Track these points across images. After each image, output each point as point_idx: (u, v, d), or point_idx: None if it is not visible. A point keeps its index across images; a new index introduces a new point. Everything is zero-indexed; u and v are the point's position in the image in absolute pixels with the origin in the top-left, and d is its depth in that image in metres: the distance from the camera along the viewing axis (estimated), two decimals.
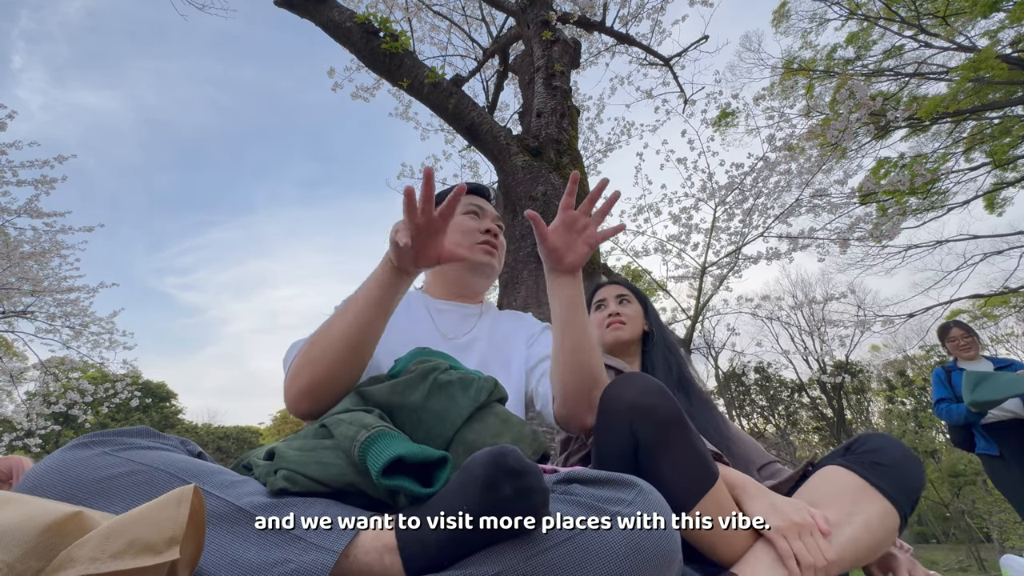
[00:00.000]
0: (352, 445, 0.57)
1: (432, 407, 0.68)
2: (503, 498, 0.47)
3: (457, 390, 0.70)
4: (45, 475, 0.50)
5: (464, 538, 0.49)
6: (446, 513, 0.50)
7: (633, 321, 1.33)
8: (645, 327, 1.34)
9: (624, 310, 1.34)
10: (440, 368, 0.73)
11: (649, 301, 1.41)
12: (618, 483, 0.55)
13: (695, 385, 1.26)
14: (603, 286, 1.44)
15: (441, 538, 0.49)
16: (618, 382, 0.78)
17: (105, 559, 0.35)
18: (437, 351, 0.84)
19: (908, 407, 16.26)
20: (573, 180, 0.84)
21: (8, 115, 5.45)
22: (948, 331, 2.97)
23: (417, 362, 0.74)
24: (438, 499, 0.53)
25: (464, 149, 5.30)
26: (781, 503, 0.73)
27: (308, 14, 2.95)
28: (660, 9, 4.42)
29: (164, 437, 0.60)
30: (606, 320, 1.33)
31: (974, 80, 6.32)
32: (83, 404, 6.56)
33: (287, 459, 0.58)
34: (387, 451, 0.54)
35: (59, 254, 6.32)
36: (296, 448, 0.61)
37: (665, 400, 0.73)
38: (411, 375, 0.71)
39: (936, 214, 8.32)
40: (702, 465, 0.72)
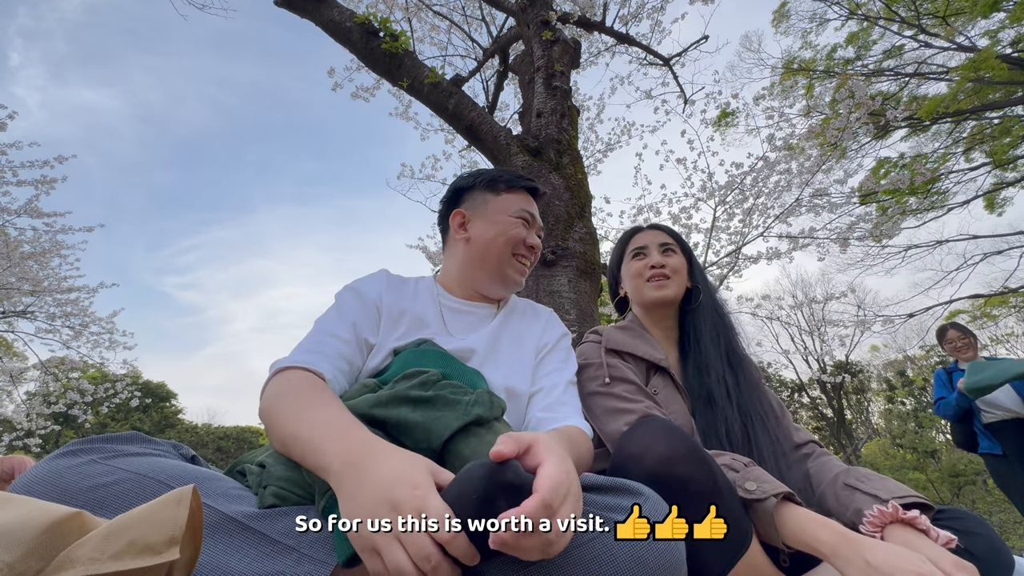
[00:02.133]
0: (317, 502, 0.55)
1: (418, 420, 0.65)
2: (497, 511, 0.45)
3: (445, 405, 0.67)
4: (34, 484, 0.49)
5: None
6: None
7: (678, 276, 1.13)
8: (688, 283, 1.15)
9: (669, 260, 1.13)
10: (430, 381, 0.70)
11: (694, 254, 1.20)
12: (623, 490, 0.54)
13: (746, 361, 1.07)
14: (641, 230, 1.23)
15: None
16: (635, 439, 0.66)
17: (105, 559, 0.35)
18: (437, 349, 0.83)
19: (908, 407, 16.24)
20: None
21: (9, 115, 5.45)
22: (945, 333, 3.03)
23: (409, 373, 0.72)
24: None
25: (464, 149, 5.30)
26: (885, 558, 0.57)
27: (308, 14, 2.95)
28: (660, 9, 4.42)
29: (154, 442, 0.59)
30: (648, 272, 1.13)
31: (974, 80, 6.32)
32: (83, 404, 6.55)
33: (276, 476, 0.57)
34: (347, 544, 0.48)
35: (59, 254, 6.31)
36: (284, 463, 0.60)
37: (695, 468, 0.61)
38: (397, 387, 0.68)
39: (936, 214, 8.33)
40: (735, 532, 0.63)
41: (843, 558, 0.60)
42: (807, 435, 1.02)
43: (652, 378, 1.07)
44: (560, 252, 2.25)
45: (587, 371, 1.07)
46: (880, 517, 0.68)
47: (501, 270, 0.97)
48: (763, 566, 0.68)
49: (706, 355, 1.06)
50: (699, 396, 1.02)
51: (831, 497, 0.83)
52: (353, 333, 0.84)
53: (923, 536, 0.64)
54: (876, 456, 15.80)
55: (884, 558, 0.57)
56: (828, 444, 14.95)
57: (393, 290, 0.95)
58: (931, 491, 12.68)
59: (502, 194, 1.01)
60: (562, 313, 2.13)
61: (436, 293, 0.99)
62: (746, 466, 0.77)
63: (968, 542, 0.67)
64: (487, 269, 0.97)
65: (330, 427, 0.57)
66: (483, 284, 0.99)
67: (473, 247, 0.98)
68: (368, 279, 0.97)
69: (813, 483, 0.91)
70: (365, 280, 0.96)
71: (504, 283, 0.98)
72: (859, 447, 14.73)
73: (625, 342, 1.09)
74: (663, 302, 1.11)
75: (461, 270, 1.00)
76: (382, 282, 0.96)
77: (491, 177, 1.02)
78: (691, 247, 1.22)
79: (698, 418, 1.00)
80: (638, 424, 0.70)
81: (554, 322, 1.05)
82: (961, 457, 12.27)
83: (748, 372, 1.06)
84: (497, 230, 0.97)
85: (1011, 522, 9.61)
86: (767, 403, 1.03)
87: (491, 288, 0.99)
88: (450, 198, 1.05)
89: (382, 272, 1.00)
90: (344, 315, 0.87)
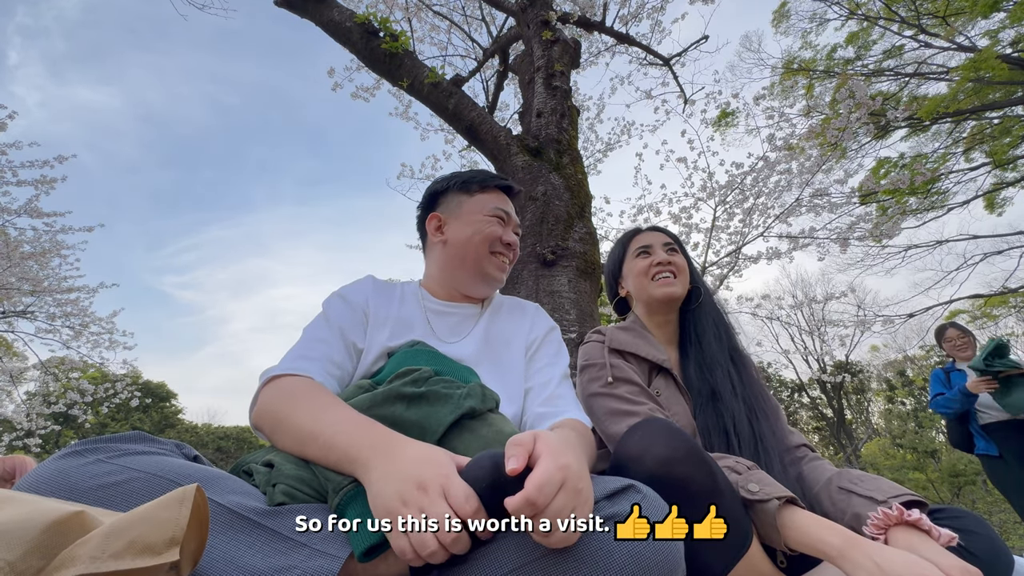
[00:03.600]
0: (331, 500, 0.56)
1: (412, 417, 0.67)
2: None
3: (437, 400, 0.69)
4: (41, 484, 0.49)
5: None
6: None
7: (684, 275, 1.13)
8: (689, 285, 1.17)
9: (675, 259, 1.14)
10: (422, 378, 0.71)
11: (690, 257, 1.22)
12: (620, 490, 0.54)
13: (746, 358, 1.09)
14: (643, 231, 1.24)
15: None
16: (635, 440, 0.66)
17: (106, 559, 0.35)
18: (429, 349, 0.84)
19: (908, 407, 16.26)
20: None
21: (9, 115, 5.46)
22: (944, 332, 3.04)
23: (398, 374, 0.73)
24: None
25: (464, 149, 5.30)
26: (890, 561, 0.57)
27: (308, 14, 2.95)
28: (660, 9, 4.42)
29: (159, 441, 0.59)
30: (653, 270, 1.13)
31: (974, 80, 6.32)
32: (83, 404, 6.56)
33: (285, 474, 0.58)
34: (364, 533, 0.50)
35: (59, 254, 6.32)
36: (294, 462, 0.61)
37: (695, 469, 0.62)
38: (391, 386, 0.70)
39: (936, 214, 8.33)
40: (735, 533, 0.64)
41: (852, 561, 0.60)
42: (800, 438, 1.02)
43: (654, 379, 1.07)
44: (560, 252, 2.25)
45: (590, 371, 1.07)
46: (884, 520, 0.68)
47: (480, 268, 0.98)
48: (764, 566, 0.68)
49: (710, 352, 1.06)
50: (702, 393, 1.02)
51: (826, 500, 0.84)
52: (341, 338, 0.86)
53: (926, 536, 0.64)
54: (876, 456, 15.81)
55: (894, 562, 0.58)
56: (828, 444, 14.96)
57: (379, 295, 0.97)
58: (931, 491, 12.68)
59: (476, 195, 1.03)
60: (562, 313, 2.13)
61: (420, 297, 1.00)
62: (749, 469, 0.78)
63: (968, 541, 0.67)
64: (466, 269, 0.99)
65: (353, 423, 0.62)
66: (464, 284, 1.00)
67: (451, 248, 1.00)
68: (354, 285, 0.99)
69: (805, 486, 0.91)
70: (351, 286, 0.98)
71: (485, 281, 1.00)
72: (859, 447, 14.73)
73: (628, 342, 1.09)
74: (671, 298, 1.11)
75: (442, 272, 1.02)
76: (368, 288, 0.98)
77: (464, 179, 1.04)
78: (687, 250, 1.24)
79: (702, 415, 1.00)
80: (638, 425, 0.70)
81: (541, 317, 1.06)
82: (961, 457, 12.27)
83: (748, 370, 1.06)
84: (473, 229, 0.98)
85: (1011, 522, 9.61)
86: (770, 399, 1.04)
87: (472, 287, 1.01)
88: (426, 203, 1.07)
89: (368, 278, 1.02)
90: (332, 321, 0.89)
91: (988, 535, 0.69)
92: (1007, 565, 0.67)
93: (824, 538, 0.64)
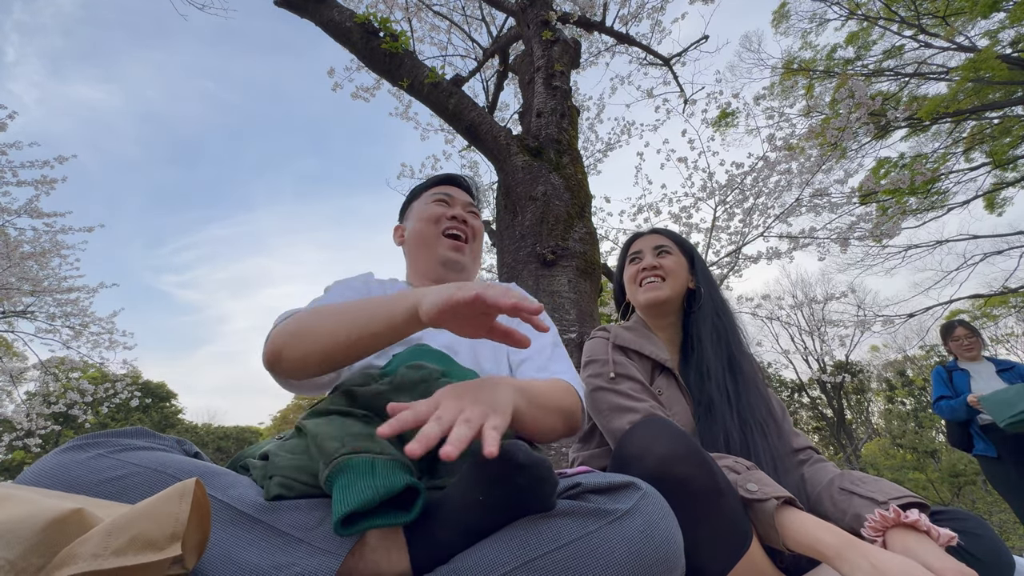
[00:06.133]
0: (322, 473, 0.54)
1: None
2: (513, 490, 0.48)
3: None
4: (42, 478, 0.49)
5: (473, 532, 0.49)
6: (454, 508, 0.50)
7: (674, 276, 1.11)
8: (690, 284, 1.13)
9: (664, 262, 1.12)
10: (431, 377, 0.71)
11: (697, 253, 1.18)
12: (621, 486, 0.54)
13: (747, 363, 1.06)
14: (640, 236, 1.21)
15: (449, 533, 0.49)
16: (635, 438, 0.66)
17: (107, 555, 0.35)
18: (436, 350, 0.83)
19: (908, 407, 16.25)
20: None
21: (9, 115, 5.46)
22: (952, 330, 2.94)
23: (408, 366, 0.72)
24: (446, 494, 0.53)
25: (464, 149, 5.30)
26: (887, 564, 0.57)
27: (308, 14, 2.95)
28: (660, 9, 4.43)
29: (160, 437, 0.59)
30: (640, 275, 1.12)
31: (974, 80, 6.33)
32: (83, 404, 6.56)
33: (281, 466, 0.57)
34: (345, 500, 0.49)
35: (59, 254, 6.32)
36: (288, 451, 0.60)
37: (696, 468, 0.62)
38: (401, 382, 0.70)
39: (936, 214, 8.32)
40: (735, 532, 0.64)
41: (848, 561, 0.60)
42: (805, 441, 1.02)
43: (657, 378, 1.07)
44: (560, 252, 2.25)
45: (593, 366, 1.07)
46: (882, 521, 0.68)
47: (435, 251, 1.02)
48: (764, 566, 0.68)
49: (707, 360, 1.06)
50: (699, 402, 1.02)
51: (827, 501, 0.83)
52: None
53: (925, 537, 0.64)
54: (876, 456, 15.80)
55: (890, 564, 0.58)
56: (828, 444, 14.96)
57: (376, 288, 1.02)
58: (931, 491, 12.68)
59: (421, 195, 1.11)
60: (562, 313, 2.13)
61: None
62: (748, 468, 0.78)
63: (969, 543, 0.67)
64: (424, 256, 1.04)
65: (392, 296, 0.67)
66: (429, 272, 1.04)
67: (409, 243, 1.09)
68: (354, 277, 1.04)
69: (808, 488, 0.91)
70: (351, 278, 1.04)
71: (444, 265, 1.02)
72: (859, 447, 14.72)
73: (632, 340, 1.10)
74: (655, 303, 1.11)
75: (411, 267, 1.09)
76: (367, 281, 1.03)
77: (416, 189, 1.14)
78: (693, 246, 1.21)
79: (699, 423, 1.00)
80: (639, 424, 0.70)
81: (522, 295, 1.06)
82: (961, 457, 12.26)
83: (749, 376, 1.04)
84: (419, 218, 1.05)
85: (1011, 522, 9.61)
86: (768, 409, 1.02)
87: (437, 273, 1.04)
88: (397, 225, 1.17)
89: (367, 273, 1.07)
90: (334, 296, 0.93)
91: (990, 537, 0.69)
92: (1008, 568, 0.67)
93: (821, 539, 0.64)
